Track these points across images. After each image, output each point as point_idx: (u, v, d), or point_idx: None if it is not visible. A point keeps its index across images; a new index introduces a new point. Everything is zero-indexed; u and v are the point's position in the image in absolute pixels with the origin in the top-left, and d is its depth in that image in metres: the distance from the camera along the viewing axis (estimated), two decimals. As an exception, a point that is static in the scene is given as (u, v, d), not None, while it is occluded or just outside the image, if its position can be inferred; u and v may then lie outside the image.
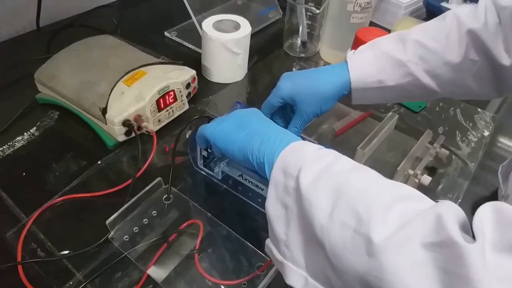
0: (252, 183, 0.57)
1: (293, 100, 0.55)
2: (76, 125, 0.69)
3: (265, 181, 0.55)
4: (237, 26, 0.78)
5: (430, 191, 0.63)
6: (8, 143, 0.65)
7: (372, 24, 0.98)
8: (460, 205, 0.53)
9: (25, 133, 0.67)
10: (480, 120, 0.78)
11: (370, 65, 0.55)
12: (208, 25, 0.76)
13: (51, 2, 0.88)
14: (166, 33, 0.92)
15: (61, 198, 0.57)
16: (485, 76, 0.53)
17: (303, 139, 0.57)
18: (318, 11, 0.84)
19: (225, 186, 0.61)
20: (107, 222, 0.52)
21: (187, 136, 0.69)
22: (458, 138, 0.73)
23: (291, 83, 0.55)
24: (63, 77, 0.68)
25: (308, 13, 0.86)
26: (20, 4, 0.86)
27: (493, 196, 0.63)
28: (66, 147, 0.66)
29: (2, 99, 0.73)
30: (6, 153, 0.64)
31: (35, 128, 0.68)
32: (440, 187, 0.64)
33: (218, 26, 0.77)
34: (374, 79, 0.54)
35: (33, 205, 0.56)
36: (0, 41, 0.87)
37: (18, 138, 0.66)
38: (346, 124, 0.72)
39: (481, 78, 0.53)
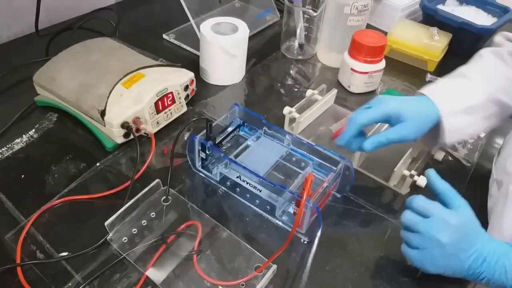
0: (250, 184, 0.57)
1: (398, 116, 0.56)
2: (75, 127, 0.69)
3: (263, 182, 0.55)
4: (235, 29, 0.79)
5: (426, 192, 0.64)
6: (7, 146, 0.65)
7: (369, 26, 0.98)
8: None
9: (24, 136, 0.67)
10: (476, 121, 0.78)
11: (448, 91, 0.59)
12: (206, 27, 0.77)
13: (50, 5, 0.88)
14: (164, 36, 0.93)
15: (60, 200, 0.57)
16: None
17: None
18: (315, 14, 0.84)
19: (223, 187, 0.61)
20: (106, 223, 0.52)
21: (185, 138, 0.69)
22: (455, 140, 0.74)
23: (395, 101, 0.57)
24: (62, 80, 0.68)
25: (306, 16, 0.87)
26: (19, 7, 0.86)
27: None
28: (64, 149, 0.66)
29: (1, 102, 0.74)
30: (5, 155, 0.64)
31: (33, 130, 0.68)
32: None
33: (216, 29, 0.78)
34: (458, 101, 0.58)
35: (32, 207, 0.57)
36: (-2, 44, 0.87)
37: (17, 140, 0.66)
38: (344, 126, 0.73)
39: None
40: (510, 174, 0.55)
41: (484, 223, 0.57)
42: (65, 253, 0.52)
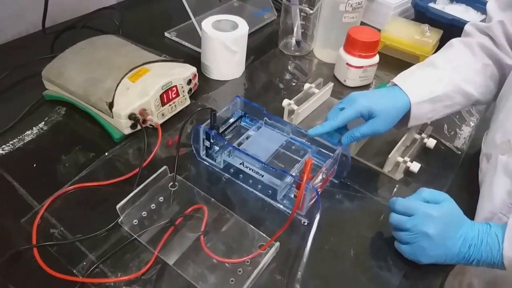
0: (252, 170, 0.60)
1: (371, 112, 0.61)
2: (83, 120, 0.72)
3: (266, 168, 0.59)
4: (235, 26, 0.82)
5: (419, 178, 0.67)
6: (18, 137, 0.68)
7: (363, 24, 1.02)
8: (448, 191, 0.57)
9: (34, 128, 0.70)
10: (466, 113, 0.82)
11: (418, 81, 0.64)
12: (207, 24, 0.80)
13: (54, 5, 0.91)
14: (166, 34, 0.96)
15: (72, 187, 0.60)
16: (497, 77, 0.66)
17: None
18: (311, 12, 0.88)
19: (226, 174, 0.65)
20: (118, 206, 0.55)
21: (188, 130, 0.72)
22: (446, 130, 0.77)
23: (366, 99, 0.61)
24: (70, 74, 0.71)
25: (302, 14, 0.90)
26: (24, 7, 0.89)
27: (479, 181, 0.67)
28: (74, 140, 0.69)
29: (10, 97, 0.76)
30: (17, 146, 0.67)
31: (43, 123, 0.71)
32: (429, 174, 0.68)
33: (217, 26, 0.81)
34: (426, 92, 0.62)
35: (44, 194, 0.59)
36: (4, 42, 0.90)
37: (27, 132, 0.69)
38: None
39: (495, 78, 0.66)
40: (498, 146, 0.59)
41: (473, 208, 0.61)
42: (78, 236, 0.55)
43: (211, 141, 0.63)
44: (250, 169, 0.61)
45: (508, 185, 0.56)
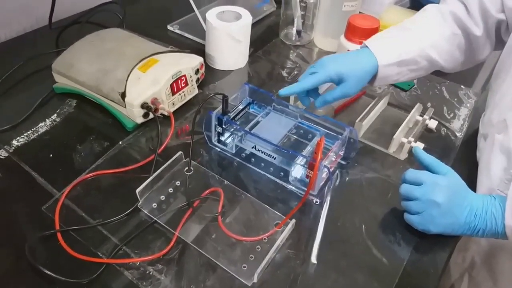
0: (265, 153, 0.63)
1: (340, 77, 0.63)
2: (94, 111, 0.74)
3: (278, 150, 0.61)
4: (238, 16, 0.84)
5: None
6: (32, 129, 0.70)
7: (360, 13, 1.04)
8: (452, 166, 0.60)
9: (47, 120, 0.72)
10: (464, 96, 0.85)
11: (388, 45, 0.65)
12: (212, 15, 0.82)
13: (58, 0, 0.92)
14: (169, 27, 0.98)
15: (90, 174, 0.62)
16: (464, 46, 0.68)
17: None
18: (311, 1, 0.90)
19: (238, 159, 0.67)
20: (137, 190, 0.57)
21: (196, 121, 0.73)
22: (445, 112, 0.80)
23: (336, 64, 0.63)
24: (81, 66, 0.72)
25: (302, 4, 0.92)
26: (30, 3, 0.90)
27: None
28: (87, 130, 0.70)
29: (19, 91, 0.78)
30: (31, 137, 0.68)
31: (55, 115, 0.73)
32: (431, 154, 0.71)
33: (221, 17, 0.83)
34: (394, 55, 0.64)
35: (63, 182, 0.61)
36: (9, 38, 0.91)
37: (41, 124, 0.71)
38: (344, 102, 0.79)
39: (462, 48, 0.68)
40: (494, 125, 0.62)
41: (472, 187, 0.64)
42: (100, 220, 0.57)
43: (223, 126, 0.65)
44: (262, 152, 0.63)
45: (505, 162, 0.58)
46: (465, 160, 0.71)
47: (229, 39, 0.82)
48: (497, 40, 0.68)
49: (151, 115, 0.70)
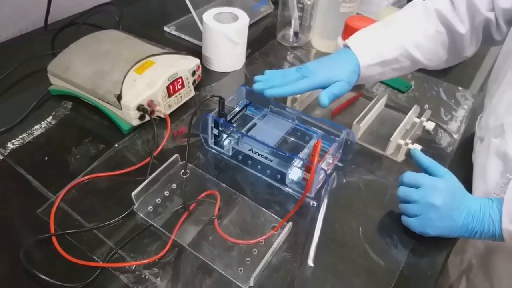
0: (261, 155, 0.62)
1: (330, 82, 0.62)
2: (90, 114, 0.73)
3: (275, 152, 0.61)
4: (235, 18, 0.84)
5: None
6: (27, 131, 0.69)
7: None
8: (449, 168, 0.59)
9: (42, 122, 0.71)
10: (461, 97, 0.85)
11: (370, 45, 0.65)
12: (209, 17, 0.82)
13: (53, 2, 0.92)
14: (165, 28, 0.97)
15: (85, 177, 0.62)
16: (448, 44, 0.67)
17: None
18: (309, 2, 0.90)
19: (235, 161, 0.66)
20: (133, 194, 0.57)
21: (192, 123, 0.73)
22: (443, 114, 0.80)
23: (324, 70, 0.63)
24: (77, 68, 0.72)
25: (299, 5, 0.92)
26: (23, 5, 0.90)
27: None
28: (83, 133, 0.70)
29: (15, 93, 0.77)
30: (26, 140, 0.68)
31: (51, 117, 0.72)
32: (429, 156, 0.70)
33: (218, 18, 0.83)
34: (376, 55, 0.64)
35: (58, 185, 0.61)
36: (4, 40, 0.90)
37: (36, 126, 0.70)
38: (341, 104, 0.78)
39: (445, 46, 0.67)
40: (490, 129, 0.62)
41: (469, 190, 0.64)
42: (95, 223, 0.56)
43: (220, 129, 0.65)
44: (259, 154, 0.63)
45: (501, 167, 0.58)
46: (462, 162, 0.71)
47: (226, 41, 0.81)
48: (484, 38, 0.67)
49: (147, 117, 0.69)
